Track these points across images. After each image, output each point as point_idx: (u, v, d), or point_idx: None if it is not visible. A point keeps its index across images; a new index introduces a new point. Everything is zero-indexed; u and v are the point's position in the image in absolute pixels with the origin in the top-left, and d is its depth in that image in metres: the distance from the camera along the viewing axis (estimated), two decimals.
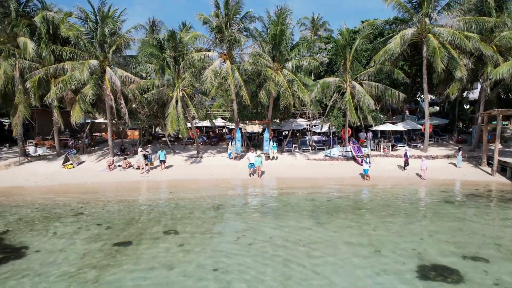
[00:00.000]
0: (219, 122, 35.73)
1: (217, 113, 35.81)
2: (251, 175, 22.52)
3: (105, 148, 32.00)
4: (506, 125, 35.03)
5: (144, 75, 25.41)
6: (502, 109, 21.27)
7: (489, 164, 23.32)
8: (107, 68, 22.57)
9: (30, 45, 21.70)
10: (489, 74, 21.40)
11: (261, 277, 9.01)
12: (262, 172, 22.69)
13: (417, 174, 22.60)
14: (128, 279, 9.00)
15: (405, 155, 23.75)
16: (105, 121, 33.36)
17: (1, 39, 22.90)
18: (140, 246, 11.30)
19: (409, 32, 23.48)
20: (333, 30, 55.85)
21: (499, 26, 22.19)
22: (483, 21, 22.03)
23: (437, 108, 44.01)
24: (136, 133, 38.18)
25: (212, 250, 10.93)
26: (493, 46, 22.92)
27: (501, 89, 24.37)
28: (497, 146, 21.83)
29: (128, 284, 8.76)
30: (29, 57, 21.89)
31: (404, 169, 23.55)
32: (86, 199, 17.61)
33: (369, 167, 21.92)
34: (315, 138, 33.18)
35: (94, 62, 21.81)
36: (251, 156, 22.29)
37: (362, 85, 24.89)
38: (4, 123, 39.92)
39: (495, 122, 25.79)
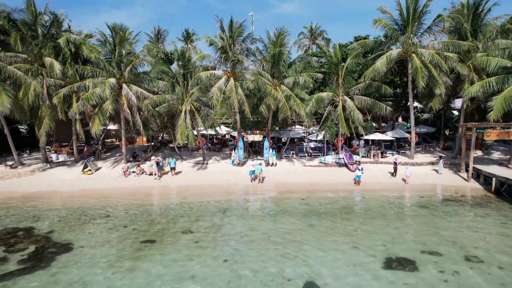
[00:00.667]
0: (222, 129, 38.38)
1: (220, 121, 38.45)
2: (253, 181, 25.18)
3: (117, 154, 34.70)
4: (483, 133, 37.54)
5: (156, 90, 28.02)
6: (476, 123, 23.92)
7: (467, 171, 25.94)
8: (124, 85, 25.27)
9: (57, 66, 24.43)
10: (464, 92, 24.04)
11: (262, 265, 11.70)
12: (263, 178, 25.33)
13: (403, 179, 25.27)
14: (157, 268, 11.66)
15: (395, 163, 26.42)
16: (114, 127, 36.20)
17: (30, 59, 25.58)
18: (163, 243, 13.98)
19: (395, 52, 26.13)
20: (330, 39, 58.60)
21: (474, 49, 24.83)
22: (458, 44, 24.69)
23: (429, 114, 46.58)
24: (145, 138, 40.87)
25: (222, 246, 13.61)
26: (470, 65, 25.57)
27: (475, 104, 26.94)
28: (472, 155, 24.49)
29: (158, 272, 11.41)
30: (56, 77, 24.62)
31: (394, 175, 26.13)
32: (109, 203, 20.29)
33: (362, 173, 24.63)
34: (312, 145, 35.81)
35: (113, 80, 24.51)
36: (251, 164, 24.96)
37: (353, 99, 27.54)
38: (21, 130, 42.52)
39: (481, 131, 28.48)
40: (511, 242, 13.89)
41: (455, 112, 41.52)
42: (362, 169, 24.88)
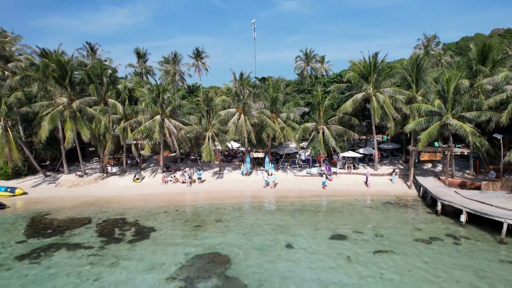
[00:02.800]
0: (232, 144, 48.65)
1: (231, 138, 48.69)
2: (265, 187, 35.36)
3: (151, 165, 45.12)
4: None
5: (187, 121, 38.22)
6: (413, 148, 34.00)
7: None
8: (165, 119, 35.61)
9: (119, 106, 34.85)
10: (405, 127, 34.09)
11: (264, 237, 22.07)
12: (276, 184, 35.54)
13: (365, 183, 35.38)
14: (208, 239, 22.02)
15: (367, 175, 36.47)
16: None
17: (98, 100, 35.95)
18: (205, 227, 24.36)
19: (359, 95, 36.30)
20: (324, 56, 69.33)
21: (413, 96, 34.98)
22: (402, 93, 34.86)
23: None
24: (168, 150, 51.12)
25: (241, 229, 23.96)
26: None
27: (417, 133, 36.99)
28: (411, 169, 34.61)
29: (208, 240, 21.74)
30: (119, 114, 35.00)
31: (366, 184, 35.98)
32: (161, 204, 30.68)
33: (329, 180, 35.01)
34: (302, 157, 46.01)
35: (159, 117, 34.87)
36: (266, 176, 35.49)
37: (330, 128, 37.75)
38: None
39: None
40: (401, 225, 24.08)
41: None
42: (326, 177, 35.38)
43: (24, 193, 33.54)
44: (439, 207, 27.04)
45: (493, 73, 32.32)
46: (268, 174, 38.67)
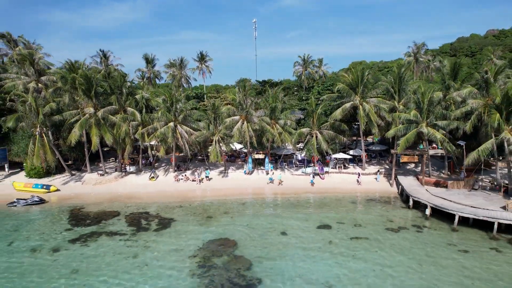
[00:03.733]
0: (236, 145, 53.75)
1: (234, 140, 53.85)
2: (269, 183, 40.51)
3: (163, 164, 50.30)
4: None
5: (196, 127, 43.27)
6: (395, 151, 39.00)
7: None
8: (178, 126, 40.70)
9: (138, 114, 39.96)
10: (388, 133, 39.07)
11: (263, 225, 27.31)
12: (282, 182, 40.67)
13: (357, 181, 40.47)
14: (219, 227, 27.26)
15: (359, 174, 41.53)
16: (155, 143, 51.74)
17: (118, 109, 41.02)
18: (216, 218, 29.61)
19: (348, 104, 41.28)
20: (322, 59, 74.67)
21: (394, 106, 39.94)
22: (385, 103, 39.82)
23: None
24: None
25: (245, 219, 29.16)
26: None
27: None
28: (394, 168, 39.68)
29: (219, 229, 26.97)
30: (137, 121, 40.12)
31: (358, 182, 41.03)
32: (176, 199, 35.88)
33: (321, 178, 40.09)
34: (299, 157, 51.08)
35: (172, 124, 39.99)
36: (272, 174, 40.68)
37: (322, 133, 42.78)
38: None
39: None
40: (377, 217, 29.20)
41: None
42: (313, 176, 40.56)
43: (57, 190, 38.78)
44: (411, 202, 32.22)
45: (462, 87, 37.25)
46: (267, 173, 43.84)
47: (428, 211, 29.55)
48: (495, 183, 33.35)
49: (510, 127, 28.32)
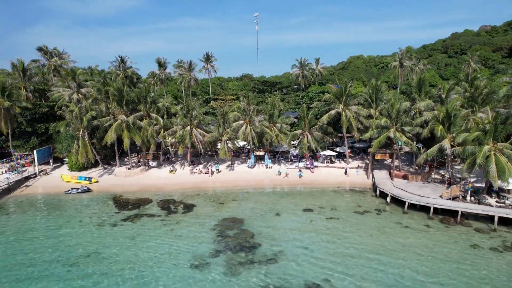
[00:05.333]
0: (240, 143, 62.67)
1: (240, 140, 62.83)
2: (279, 176, 49.58)
3: (178, 159, 59.41)
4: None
5: (207, 129, 52.16)
6: (370, 150, 47.82)
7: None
8: (193, 129, 49.60)
9: (161, 120, 48.82)
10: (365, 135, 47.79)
11: (264, 209, 36.60)
12: (288, 174, 49.71)
13: (345, 173, 49.54)
14: (229, 210, 36.56)
15: (346, 168, 50.51)
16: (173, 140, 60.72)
17: (144, 115, 49.86)
18: (226, 205, 38.95)
19: (333, 111, 49.92)
20: (319, 58, 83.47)
21: (370, 114, 48.55)
22: (363, 110, 48.45)
23: None
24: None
25: (249, 204, 38.44)
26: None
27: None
28: (370, 164, 48.63)
29: (230, 211, 36.24)
30: (160, 125, 49.03)
31: (345, 173, 50.00)
32: (193, 189, 45.10)
33: (311, 172, 49.15)
34: (294, 153, 60.06)
35: (188, 128, 48.90)
36: (279, 168, 49.74)
37: (312, 134, 51.61)
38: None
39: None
40: (350, 203, 38.33)
41: None
42: (301, 171, 49.63)
43: (96, 182, 48.05)
44: (378, 192, 41.32)
45: (423, 100, 45.87)
46: (267, 167, 52.99)
47: (388, 199, 38.68)
48: (447, 177, 42.34)
49: (450, 135, 37.04)
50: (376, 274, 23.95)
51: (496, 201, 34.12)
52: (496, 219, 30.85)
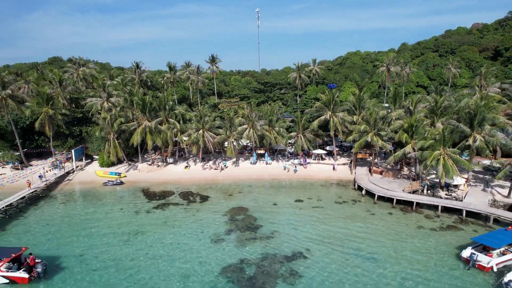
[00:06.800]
0: (243, 142, 72.07)
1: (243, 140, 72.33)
2: (286, 171, 59.21)
3: (191, 156, 68.99)
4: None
5: (216, 132, 61.47)
6: (354, 150, 57.21)
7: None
8: (205, 132, 58.97)
9: (177, 124, 58.16)
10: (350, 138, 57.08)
11: (265, 200, 46.37)
12: (295, 171, 59.32)
13: (333, 168, 59.12)
14: (236, 200, 46.34)
15: (334, 164, 60.00)
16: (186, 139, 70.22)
17: (163, 120, 59.15)
18: (234, 196, 48.77)
19: (322, 117, 59.11)
20: (316, 59, 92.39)
21: (355, 120, 57.68)
22: (347, 117, 57.57)
23: None
24: None
25: (252, 196, 48.18)
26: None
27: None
28: (354, 162, 58.10)
29: (237, 202, 46.00)
30: (177, 128, 58.41)
31: (334, 169, 59.53)
32: (206, 182, 54.82)
33: (304, 167, 58.78)
34: (290, 151, 69.52)
35: (201, 131, 58.28)
36: (284, 164, 59.34)
37: (305, 136, 60.93)
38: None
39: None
40: (333, 195, 47.97)
41: None
42: (295, 166, 59.20)
43: (125, 176, 57.75)
44: (356, 186, 50.93)
45: (397, 109, 54.98)
46: (267, 164, 62.66)
47: (363, 192, 48.30)
48: (413, 174, 51.83)
49: (413, 141, 46.32)
50: (342, 243, 33.71)
51: (446, 194, 43.72)
52: (440, 207, 40.50)
